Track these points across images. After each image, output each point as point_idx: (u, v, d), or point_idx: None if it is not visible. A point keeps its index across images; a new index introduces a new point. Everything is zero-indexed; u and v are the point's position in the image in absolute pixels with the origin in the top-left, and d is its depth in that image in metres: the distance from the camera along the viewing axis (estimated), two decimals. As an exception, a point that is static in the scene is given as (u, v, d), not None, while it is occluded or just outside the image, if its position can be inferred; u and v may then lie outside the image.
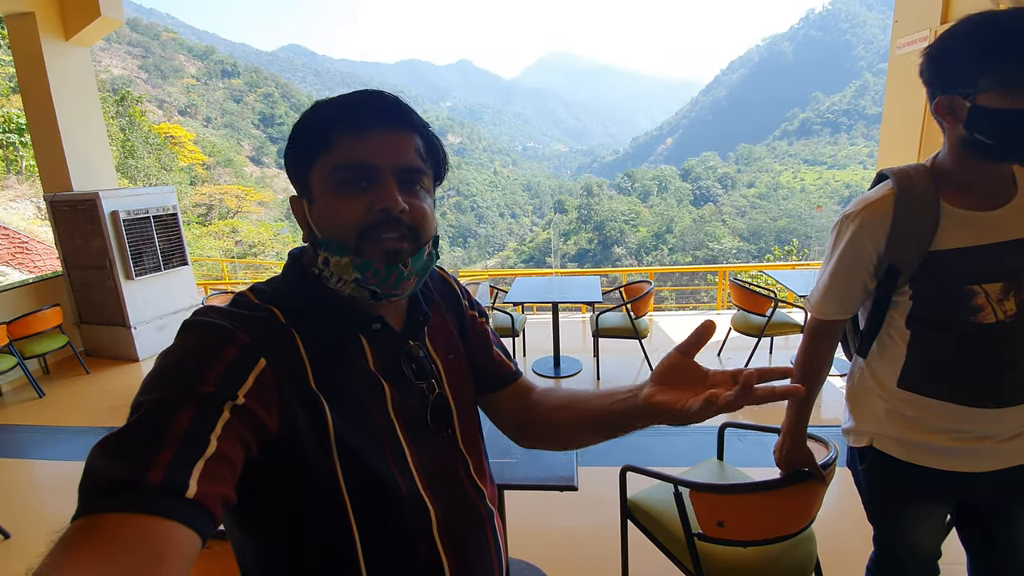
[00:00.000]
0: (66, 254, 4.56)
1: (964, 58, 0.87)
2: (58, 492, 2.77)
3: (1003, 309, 0.93)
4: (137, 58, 65.87)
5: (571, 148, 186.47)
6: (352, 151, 0.58)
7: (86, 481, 0.43)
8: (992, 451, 1.00)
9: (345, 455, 0.57)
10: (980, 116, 0.86)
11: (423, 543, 0.62)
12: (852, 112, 79.49)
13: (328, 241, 0.60)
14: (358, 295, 0.61)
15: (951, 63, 0.89)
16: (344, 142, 0.58)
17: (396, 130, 0.60)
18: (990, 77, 0.84)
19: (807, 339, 1.16)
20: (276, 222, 34.12)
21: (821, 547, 1.45)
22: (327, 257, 0.60)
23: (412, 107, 0.62)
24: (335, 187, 0.59)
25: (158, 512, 0.41)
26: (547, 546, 2.10)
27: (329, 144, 0.59)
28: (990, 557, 1.09)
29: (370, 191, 0.59)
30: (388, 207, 0.58)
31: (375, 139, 0.59)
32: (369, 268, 0.59)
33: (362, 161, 0.58)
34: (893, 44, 3.66)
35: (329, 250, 0.60)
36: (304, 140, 0.61)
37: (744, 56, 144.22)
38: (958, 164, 0.96)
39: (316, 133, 0.60)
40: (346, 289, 0.61)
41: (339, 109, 0.60)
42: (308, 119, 0.61)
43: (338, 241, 0.59)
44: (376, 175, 0.59)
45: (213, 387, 0.49)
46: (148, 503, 0.41)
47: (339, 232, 0.59)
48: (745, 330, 3.65)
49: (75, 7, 4.45)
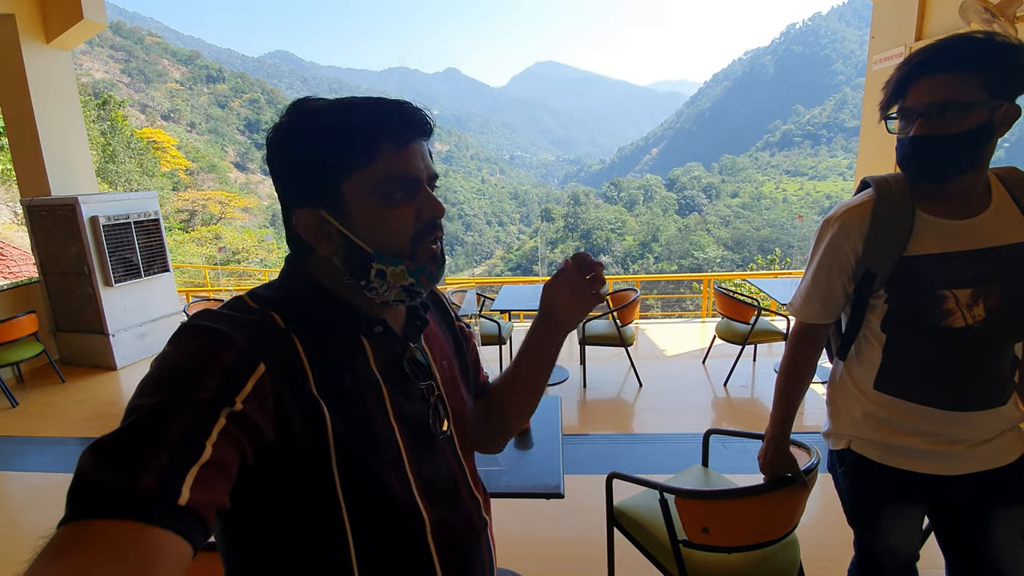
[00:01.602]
0: (43, 260, 4.45)
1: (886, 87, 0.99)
2: (30, 505, 2.68)
3: (972, 314, 0.97)
4: (120, 62, 64.95)
5: (558, 157, 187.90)
6: (397, 164, 0.59)
7: (76, 485, 0.42)
8: (965, 455, 1.03)
9: (344, 461, 0.56)
10: (896, 143, 1.01)
11: (417, 550, 0.61)
12: (832, 125, 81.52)
13: (381, 253, 0.60)
14: (398, 298, 0.64)
15: (884, 89, 1.00)
16: (389, 155, 0.59)
17: (424, 140, 0.63)
18: (896, 107, 0.98)
19: (791, 344, 1.19)
20: (260, 228, 33.75)
21: (805, 552, 1.46)
22: (381, 269, 0.61)
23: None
24: (383, 200, 0.59)
25: (149, 519, 0.40)
26: (533, 555, 2.09)
27: (376, 157, 0.58)
28: (967, 560, 1.11)
29: (414, 199, 0.61)
30: (437, 214, 0.63)
31: (416, 152, 0.61)
32: (424, 271, 0.63)
33: (408, 173, 0.60)
34: (870, 60, 3.77)
35: (383, 262, 0.61)
36: (338, 149, 0.57)
37: (727, 69, 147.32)
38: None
39: (358, 144, 0.57)
40: (390, 295, 0.63)
41: (382, 121, 0.58)
42: (335, 126, 0.57)
43: (392, 251, 0.61)
44: (418, 185, 0.61)
45: (210, 393, 0.48)
46: (139, 510, 0.40)
47: (393, 242, 0.61)
48: (729, 338, 3.70)
49: (57, 10, 4.38)
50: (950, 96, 0.89)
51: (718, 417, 3.37)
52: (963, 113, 0.89)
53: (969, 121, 0.89)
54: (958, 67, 0.89)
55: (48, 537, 0.39)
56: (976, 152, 0.93)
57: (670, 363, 4.28)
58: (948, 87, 0.89)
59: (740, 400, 3.56)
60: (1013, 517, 1.04)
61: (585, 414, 3.42)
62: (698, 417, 3.31)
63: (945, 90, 0.90)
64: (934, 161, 0.94)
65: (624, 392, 3.72)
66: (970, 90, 0.88)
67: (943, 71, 0.90)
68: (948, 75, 0.90)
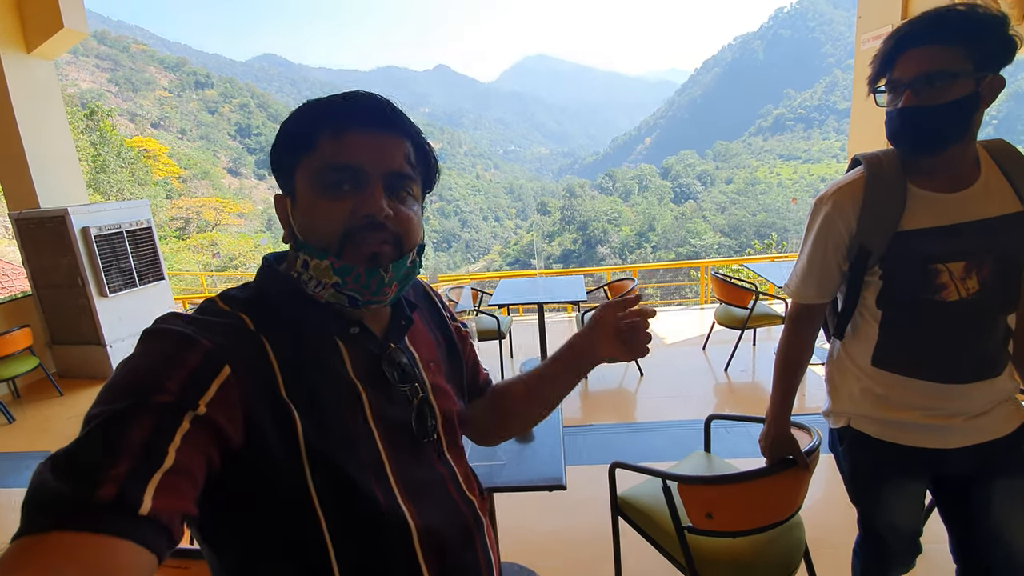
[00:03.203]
0: (34, 273, 4.42)
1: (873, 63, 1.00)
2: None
3: (966, 287, 0.97)
4: (106, 71, 64.50)
5: (552, 150, 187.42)
6: (337, 153, 0.57)
7: (31, 498, 0.40)
8: (963, 428, 1.03)
9: (317, 466, 0.54)
10: (886, 116, 1.01)
11: (402, 556, 0.59)
12: (823, 107, 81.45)
13: (307, 244, 0.58)
14: (336, 301, 0.59)
15: (872, 63, 1.00)
16: (328, 143, 0.57)
17: (385, 134, 0.59)
18: (884, 80, 0.98)
19: (789, 325, 1.19)
20: (256, 233, 33.66)
21: (809, 534, 1.46)
22: (306, 260, 0.58)
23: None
24: (319, 189, 0.58)
25: (107, 530, 0.39)
26: (539, 548, 2.09)
27: (314, 144, 0.58)
28: (970, 532, 1.11)
29: (355, 195, 0.57)
30: (373, 212, 0.57)
31: (362, 142, 0.58)
32: (350, 272, 0.57)
33: (347, 163, 0.57)
34: (858, 40, 3.74)
35: (308, 252, 0.58)
36: (289, 139, 0.60)
37: (718, 55, 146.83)
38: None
39: (301, 132, 0.59)
40: (324, 295, 0.59)
41: (325, 109, 0.58)
42: (295, 118, 0.60)
43: (319, 244, 0.58)
44: (362, 179, 0.57)
45: (172, 396, 0.46)
46: (96, 521, 0.39)
47: (320, 234, 0.58)
48: (728, 323, 3.69)
49: (36, 19, 4.32)
50: (937, 66, 0.89)
51: (720, 403, 3.37)
52: (951, 83, 0.90)
53: (956, 91, 0.90)
54: (944, 39, 0.90)
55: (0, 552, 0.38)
56: (965, 122, 0.93)
57: (670, 351, 4.28)
58: (935, 58, 0.90)
59: (741, 385, 3.56)
60: (1014, 487, 1.05)
61: (587, 405, 3.41)
62: (700, 403, 3.31)
63: (932, 61, 0.90)
64: (924, 131, 0.94)
65: (625, 382, 3.72)
66: (956, 61, 0.89)
67: (929, 43, 0.91)
68: (934, 47, 0.90)
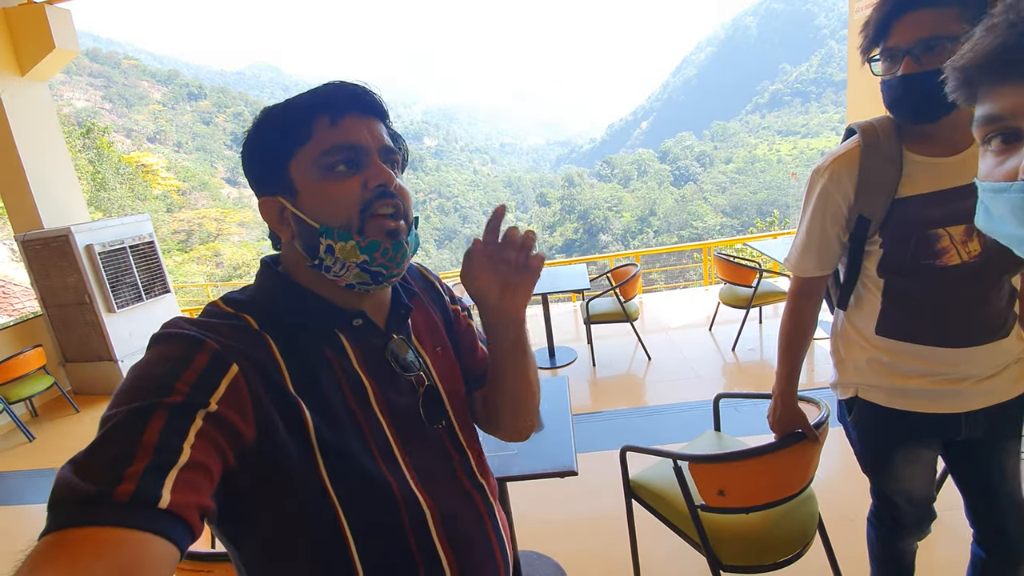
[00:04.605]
0: (43, 293, 4.46)
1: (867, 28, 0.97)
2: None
3: (967, 250, 0.96)
4: (100, 89, 64.59)
5: (548, 140, 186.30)
6: (333, 135, 0.59)
7: (55, 498, 0.42)
8: (972, 391, 1.02)
9: (329, 457, 0.56)
10: (882, 85, 0.98)
11: (420, 540, 0.61)
12: (820, 80, 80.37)
13: (328, 228, 0.59)
14: (359, 281, 0.61)
15: (864, 31, 0.98)
16: (326, 130, 0.59)
17: (369, 116, 0.62)
18: (879, 49, 0.96)
19: (791, 300, 1.18)
20: (259, 241, 33.72)
21: (823, 506, 1.47)
22: (330, 245, 0.59)
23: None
24: (325, 172, 0.59)
25: (129, 524, 0.40)
26: (556, 534, 2.11)
27: (309, 134, 0.59)
28: (984, 496, 1.11)
29: (360, 171, 0.59)
30: (384, 182, 0.59)
31: (357, 123, 0.60)
32: (377, 248, 0.59)
33: (346, 142, 0.59)
34: (851, 8, 3.69)
35: (331, 237, 0.59)
36: (278, 133, 0.59)
37: (711, 35, 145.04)
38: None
39: (293, 124, 0.59)
40: (348, 277, 0.60)
41: (314, 99, 0.59)
42: (278, 113, 0.60)
43: (340, 225, 0.59)
44: (365, 156, 0.60)
45: (184, 395, 0.48)
46: (118, 516, 0.40)
47: (339, 215, 0.59)
48: (733, 302, 3.68)
49: (28, 41, 4.34)
50: (936, 31, 0.87)
51: (729, 382, 3.37)
52: (952, 47, 0.87)
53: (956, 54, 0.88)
54: (938, 1, 0.88)
55: (27, 549, 0.39)
56: None
57: (677, 334, 4.28)
58: (933, 22, 0.88)
59: (749, 363, 3.56)
60: None
61: (597, 392, 3.43)
62: (709, 384, 3.31)
63: (930, 25, 0.88)
64: (927, 99, 0.91)
65: (633, 367, 3.72)
66: (953, 23, 0.86)
67: (925, 6, 0.88)
68: (930, 10, 0.88)
